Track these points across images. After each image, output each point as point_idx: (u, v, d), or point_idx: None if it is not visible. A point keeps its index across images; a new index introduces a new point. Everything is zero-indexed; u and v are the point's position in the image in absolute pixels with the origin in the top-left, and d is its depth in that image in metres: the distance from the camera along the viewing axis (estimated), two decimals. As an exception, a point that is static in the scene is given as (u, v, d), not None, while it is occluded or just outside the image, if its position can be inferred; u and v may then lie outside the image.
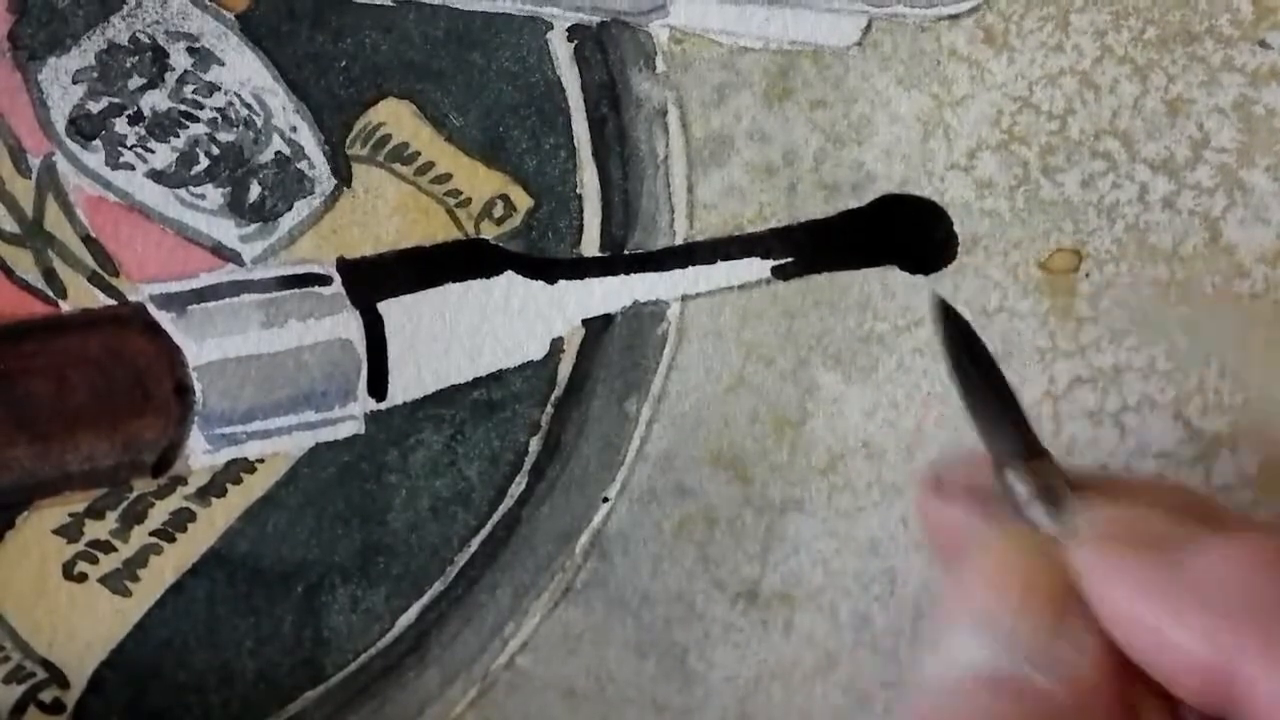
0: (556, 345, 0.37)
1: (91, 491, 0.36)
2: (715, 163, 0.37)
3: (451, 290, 0.36)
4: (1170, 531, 0.27)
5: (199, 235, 0.36)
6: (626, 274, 0.37)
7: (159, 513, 0.36)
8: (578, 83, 0.37)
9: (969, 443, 0.37)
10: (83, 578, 0.36)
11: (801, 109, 0.37)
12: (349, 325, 0.36)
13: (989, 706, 0.26)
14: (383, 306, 0.36)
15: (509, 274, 0.37)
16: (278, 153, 0.36)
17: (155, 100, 0.36)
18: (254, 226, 0.36)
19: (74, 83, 0.35)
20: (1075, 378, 0.37)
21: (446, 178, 0.37)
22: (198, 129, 0.36)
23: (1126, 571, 0.27)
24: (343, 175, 0.36)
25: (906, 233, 0.37)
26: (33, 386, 0.35)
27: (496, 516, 0.37)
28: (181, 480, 0.36)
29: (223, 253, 0.36)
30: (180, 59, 0.36)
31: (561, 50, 0.37)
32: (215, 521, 0.36)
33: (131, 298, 0.36)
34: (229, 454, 0.36)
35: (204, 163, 0.36)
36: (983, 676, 0.27)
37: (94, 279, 0.36)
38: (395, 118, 0.36)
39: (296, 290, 0.36)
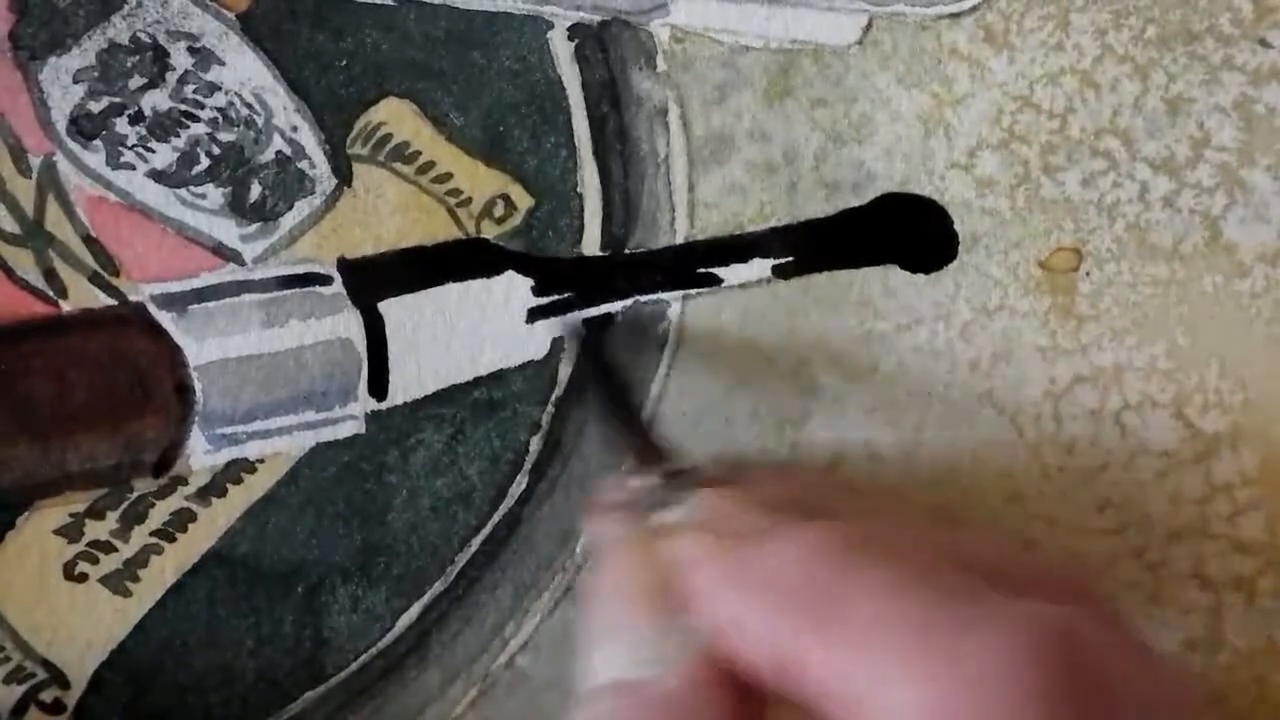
0: (557, 345, 0.37)
1: (92, 491, 0.36)
2: (716, 161, 0.37)
3: (452, 290, 0.36)
4: (756, 523, 0.28)
5: (200, 235, 0.36)
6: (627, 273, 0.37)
7: (159, 513, 0.36)
8: (578, 81, 0.37)
9: (969, 442, 0.37)
10: (83, 578, 0.36)
11: (802, 108, 0.37)
12: (350, 325, 0.36)
13: (610, 710, 0.27)
14: (383, 306, 0.36)
15: (510, 273, 0.37)
16: (278, 152, 0.36)
17: (156, 100, 0.36)
18: (255, 226, 0.36)
19: (75, 82, 0.35)
20: (1076, 376, 0.37)
21: (447, 177, 0.37)
22: (198, 129, 0.36)
23: (706, 563, 0.27)
24: (343, 175, 0.36)
25: (907, 231, 0.37)
26: (33, 386, 0.35)
27: (497, 516, 0.37)
28: (182, 480, 0.36)
29: (223, 252, 0.36)
30: (181, 59, 0.36)
31: (562, 49, 0.37)
32: (216, 521, 0.36)
33: (132, 297, 0.36)
34: (229, 454, 0.36)
35: (205, 162, 0.36)
36: (609, 683, 0.27)
37: (94, 279, 0.36)
38: (396, 117, 0.36)
39: (297, 290, 0.36)
